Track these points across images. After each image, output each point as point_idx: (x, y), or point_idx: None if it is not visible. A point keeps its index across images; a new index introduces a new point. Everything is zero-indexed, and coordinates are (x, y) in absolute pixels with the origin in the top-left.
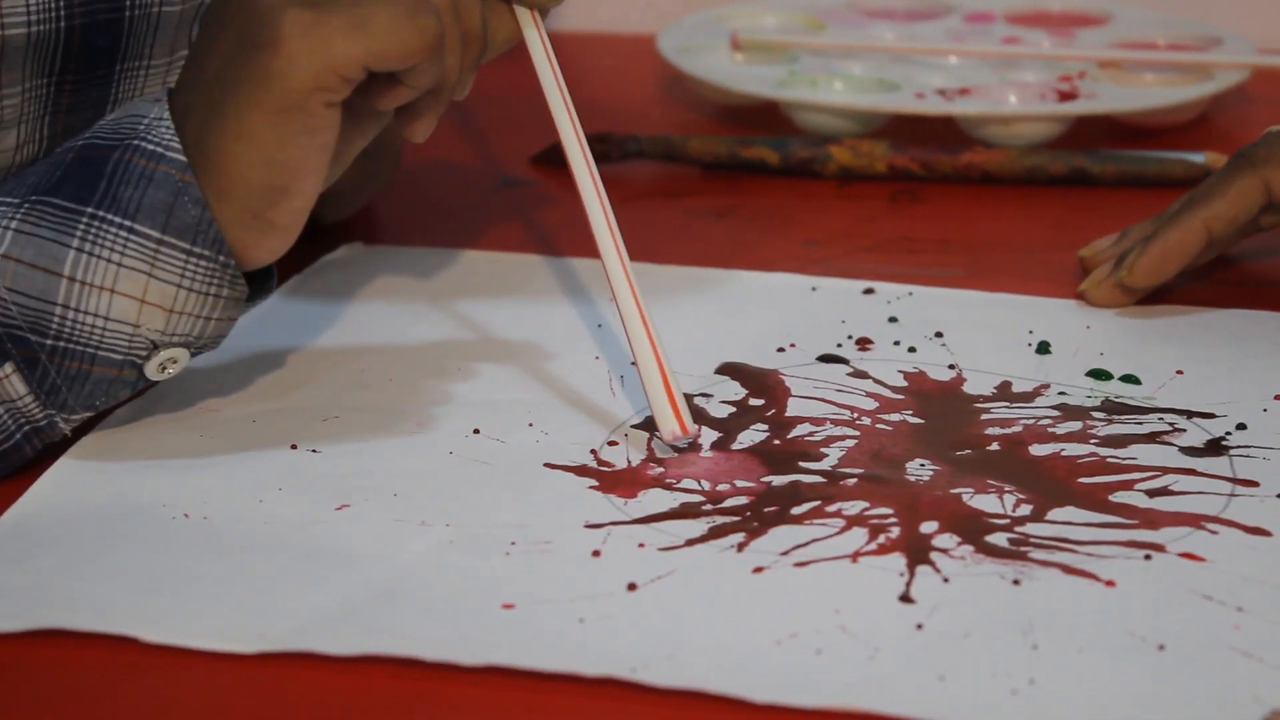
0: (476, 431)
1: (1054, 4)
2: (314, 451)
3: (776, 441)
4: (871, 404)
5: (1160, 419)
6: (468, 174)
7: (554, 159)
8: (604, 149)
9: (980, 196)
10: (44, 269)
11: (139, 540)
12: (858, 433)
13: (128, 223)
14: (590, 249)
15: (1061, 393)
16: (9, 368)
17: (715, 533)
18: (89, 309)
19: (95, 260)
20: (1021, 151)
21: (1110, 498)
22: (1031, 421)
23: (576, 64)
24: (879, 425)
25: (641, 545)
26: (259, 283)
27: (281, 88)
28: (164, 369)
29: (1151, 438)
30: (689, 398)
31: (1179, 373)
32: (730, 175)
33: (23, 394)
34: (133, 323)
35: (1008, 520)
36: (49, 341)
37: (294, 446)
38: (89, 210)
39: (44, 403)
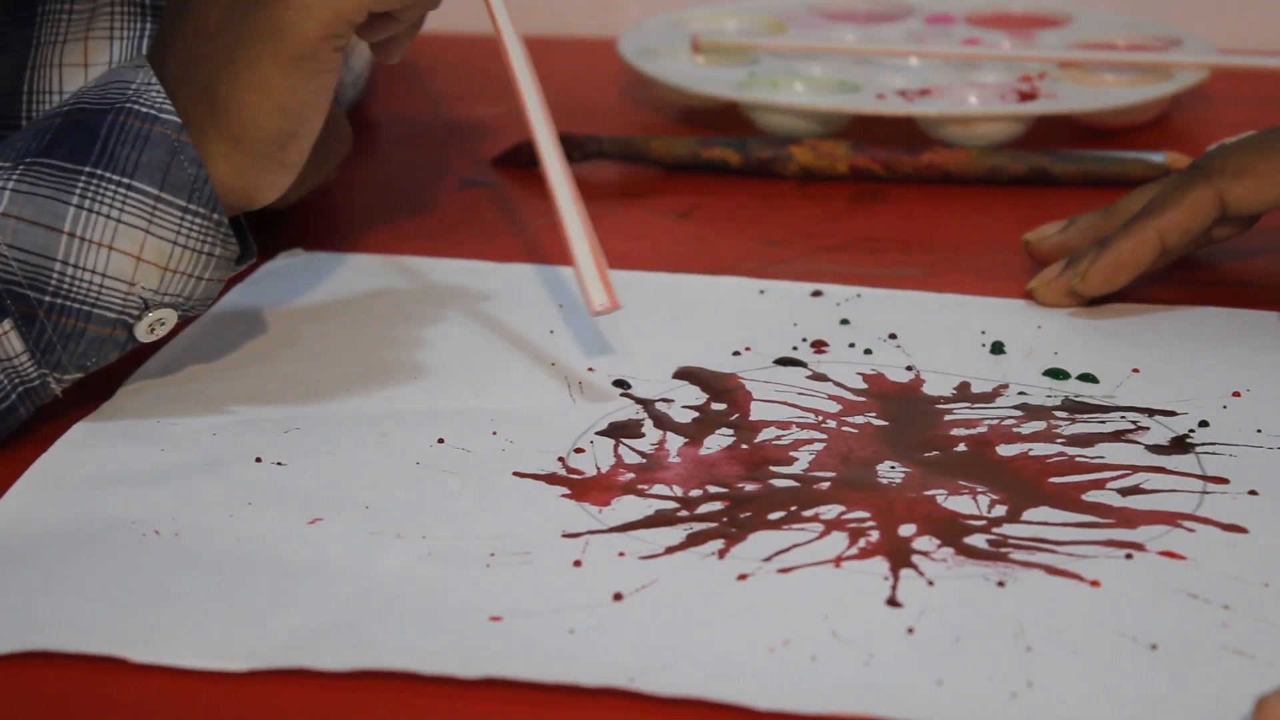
0: (441, 441)
1: (1014, 5)
2: (279, 464)
3: (744, 446)
4: (834, 406)
5: (1123, 417)
6: (430, 174)
7: (516, 161)
8: (565, 149)
9: (941, 197)
10: (44, 225)
11: (112, 558)
12: (824, 436)
13: (126, 179)
14: (544, 254)
15: (1021, 393)
16: (7, 324)
17: (694, 539)
18: (87, 265)
19: (95, 216)
20: (982, 152)
21: (1083, 497)
22: (995, 422)
23: (537, 66)
24: (845, 428)
25: (622, 554)
26: (242, 247)
27: (294, 39)
28: (153, 329)
29: (1117, 436)
30: (649, 402)
31: (1135, 371)
32: (692, 176)
33: (19, 351)
34: (128, 280)
35: (985, 521)
36: (47, 298)
37: (258, 459)
38: (87, 169)
39: (39, 361)
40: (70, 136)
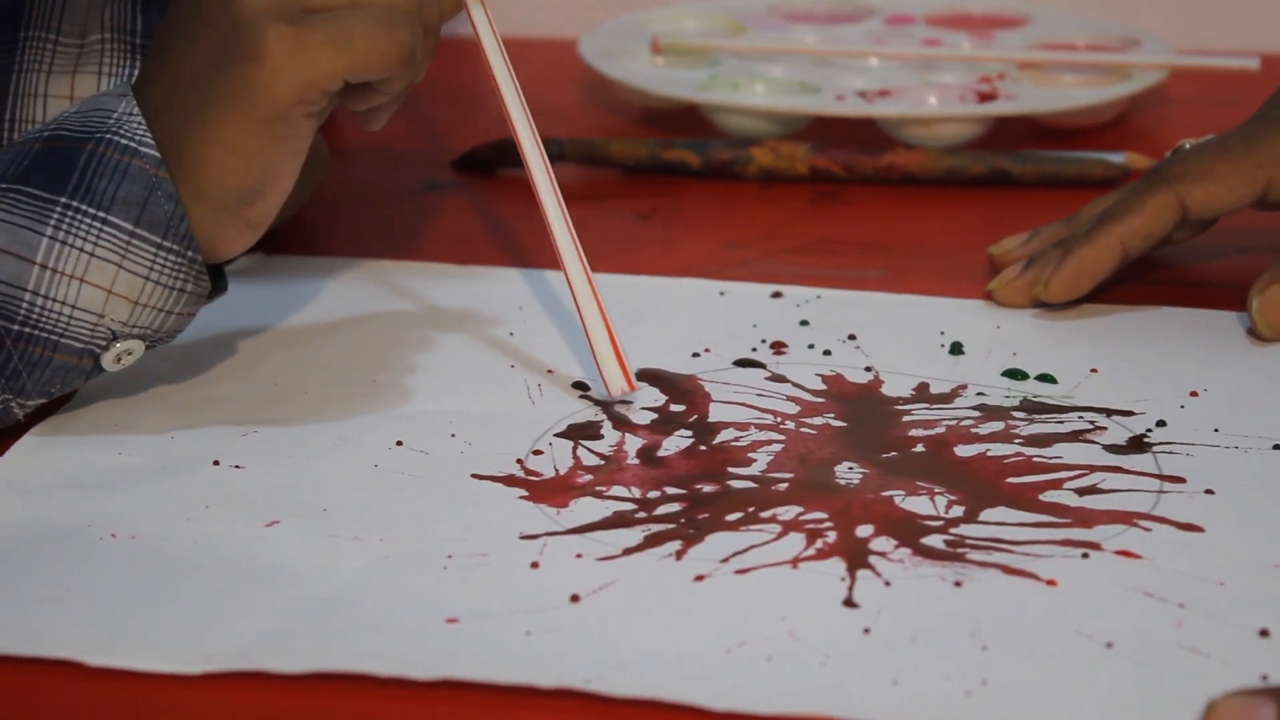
0: (399, 444)
1: (974, 6)
2: (237, 467)
3: (703, 447)
4: (793, 408)
5: (1080, 417)
6: (391, 177)
7: (477, 163)
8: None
9: (901, 198)
10: (16, 255)
11: (69, 562)
12: (783, 437)
13: (101, 214)
14: (505, 257)
15: (980, 393)
16: None
17: (651, 541)
18: (57, 296)
19: (68, 249)
20: (941, 153)
21: (1040, 497)
22: (954, 422)
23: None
24: (803, 429)
25: (579, 556)
26: (215, 280)
27: (265, 101)
28: (120, 360)
29: (1074, 436)
30: (608, 404)
31: (1093, 371)
32: (652, 178)
33: None
34: (98, 312)
35: (942, 522)
36: (15, 327)
37: (216, 463)
38: (63, 200)
39: (2, 387)
40: (48, 164)
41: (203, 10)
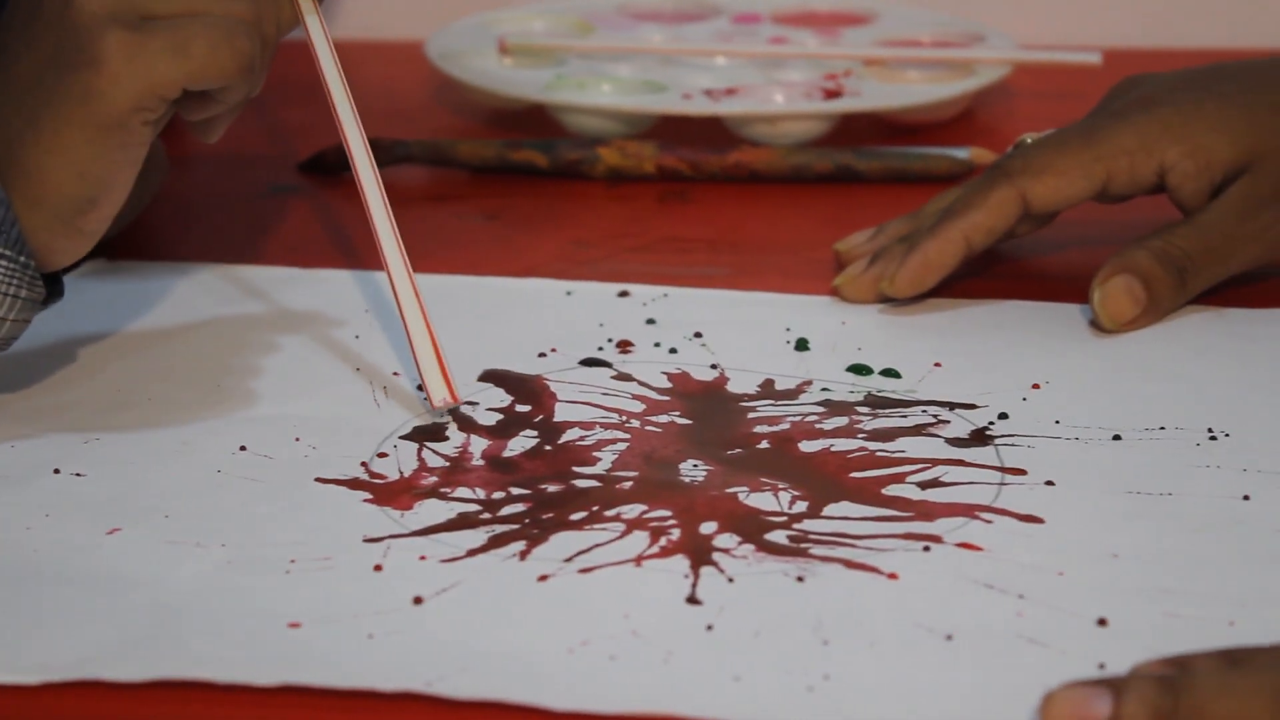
0: (243, 448)
1: (820, 4)
2: (78, 475)
3: (548, 447)
4: (639, 406)
5: (924, 411)
6: (236, 180)
7: (323, 166)
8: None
9: (748, 195)
10: None
11: None
12: (628, 435)
13: None
14: (350, 260)
15: (824, 389)
16: None
17: (495, 542)
18: None
19: None
20: (788, 150)
21: (883, 491)
22: (798, 418)
23: (344, 71)
24: (648, 427)
25: (423, 558)
26: (50, 285)
27: (103, 108)
28: None
29: (917, 430)
30: (455, 406)
31: (937, 365)
32: (500, 178)
33: None
34: None
35: (785, 517)
36: None
37: (57, 471)
38: None
39: None
40: None
41: (40, 14)
